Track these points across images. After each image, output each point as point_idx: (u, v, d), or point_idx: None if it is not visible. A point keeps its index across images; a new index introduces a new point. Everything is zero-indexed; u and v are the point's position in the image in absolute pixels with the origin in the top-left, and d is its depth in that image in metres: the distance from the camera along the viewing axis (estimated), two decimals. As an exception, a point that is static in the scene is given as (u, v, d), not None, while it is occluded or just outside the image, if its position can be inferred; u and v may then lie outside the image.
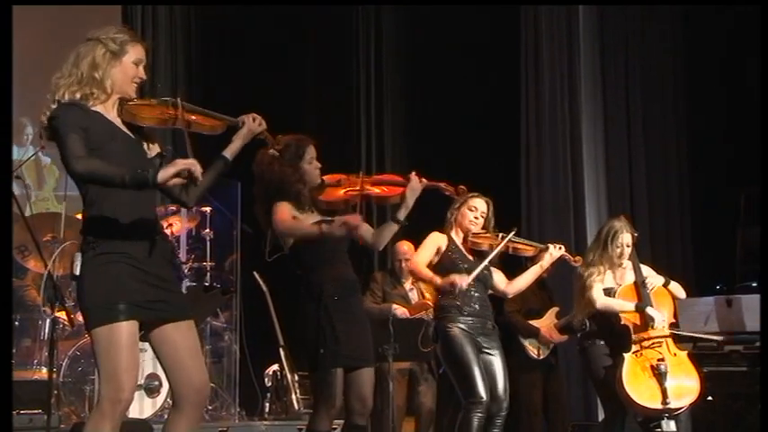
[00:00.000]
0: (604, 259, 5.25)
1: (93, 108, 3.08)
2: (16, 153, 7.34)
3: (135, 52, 3.15)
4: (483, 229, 4.93)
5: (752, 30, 6.80)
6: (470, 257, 4.90)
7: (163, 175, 2.85)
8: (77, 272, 2.98)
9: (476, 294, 4.80)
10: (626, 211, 6.94)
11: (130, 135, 3.15)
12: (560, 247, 5.00)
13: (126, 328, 2.94)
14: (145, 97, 3.24)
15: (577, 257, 5.22)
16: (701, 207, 7.87)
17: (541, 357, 6.43)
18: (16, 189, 4.87)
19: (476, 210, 4.91)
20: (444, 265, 4.85)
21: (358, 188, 4.09)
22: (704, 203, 7.84)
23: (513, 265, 5.41)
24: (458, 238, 4.93)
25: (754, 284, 6.17)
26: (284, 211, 3.94)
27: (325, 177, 4.12)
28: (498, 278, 5.02)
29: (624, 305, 5.13)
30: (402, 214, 4.11)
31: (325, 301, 3.91)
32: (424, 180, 4.17)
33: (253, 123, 3.26)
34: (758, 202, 6.26)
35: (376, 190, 4.16)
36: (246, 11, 8.54)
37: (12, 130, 5.40)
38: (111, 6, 8.29)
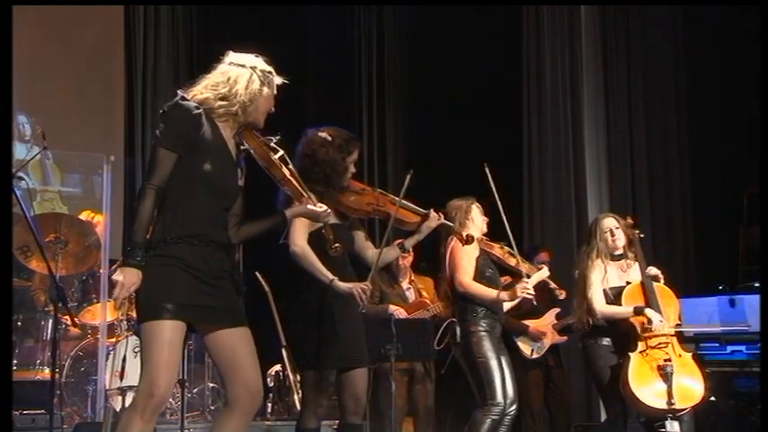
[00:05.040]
0: (594, 253, 5.18)
1: (217, 121, 3.20)
2: (19, 151, 7.35)
3: (274, 87, 3.32)
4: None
5: (753, 29, 6.80)
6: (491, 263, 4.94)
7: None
8: None
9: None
10: (628, 211, 6.93)
11: (234, 159, 3.26)
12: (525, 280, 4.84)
13: (170, 327, 3.03)
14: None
15: (562, 291, 5.15)
16: (704, 207, 7.86)
17: (535, 357, 6.43)
18: (18, 189, 4.87)
19: (481, 210, 4.96)
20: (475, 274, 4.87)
21: (380, 204, 4.14)
22: (706, 204, 7.83)
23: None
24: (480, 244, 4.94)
25: (757, 284, 6.16)
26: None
27: (350, 182, 4.15)
28: None
29: (624, 312, 5.07)
30: (410, 243, 4.27)
31: (329, 300, 3.92)
32: (441, 217, 4.31)
33: (318, 210, 3.43)
34: (760, 203, 6.25)
35: (392, 211, 4.18)
36: (248, 11, 8.54)
37: (12, 129, 5.42)
38: (114, 6, 8.30)
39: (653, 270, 5.22)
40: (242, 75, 3.24)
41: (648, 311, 5.02)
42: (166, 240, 3.08)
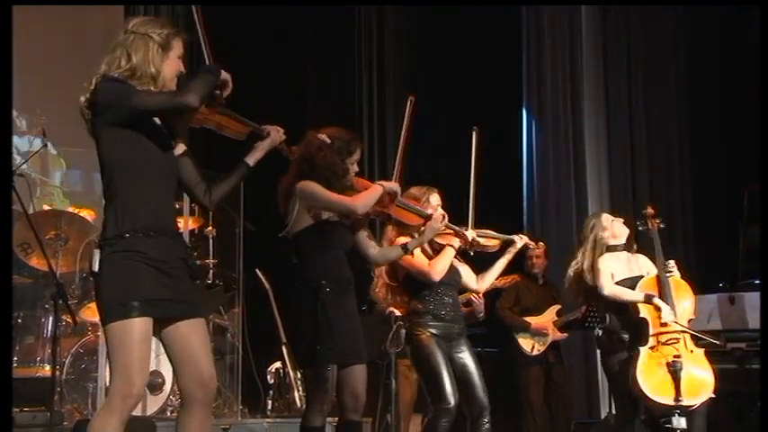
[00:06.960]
0: (589, 247, 5.15)
1: None
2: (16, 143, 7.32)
3: (178, 47, 3.19)
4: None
5: (753, 29, 6.81)
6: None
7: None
8: (96, 268, 3.00)
9: (448, 300, 4.63)
10: (628, 210, 6.93)
11: (168, 137, 3.18)
12: (522, 237, 4.78)
13: (139, 325, 2.95)
14: None
15: (540, 242, 4.98)
16: (704, 205, 7.87)
17: (535, 353, 6.43)
18: (19, 186, 4.87)
19: (438, 205, 4.62)
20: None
21: (382, 205, 4.10)
22: (707, 201, 7.84)
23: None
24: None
25: (757, 282, 6.16)
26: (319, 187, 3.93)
27: (354, 179, 4.11)
28: (466, 273, 4.82)
29: (633, 294, 4.98)
30: (413, 246, 4.27)
31: (323, 296, 3.89)
32: (446, 220, 4.30)
33: (277, 135, 3.38)
34: (760, 200, 6.26)
35: (393, 213, 4.17)
36: (248, 11, 8.54)
37: (11, 129, 5.42)
38: (114, 6, 8.30)
39: (671, 263, 5.12)
40: (138, 45, 3.09)
41: (657, 301, 4.94)
42: (122, 235, 2.97)
